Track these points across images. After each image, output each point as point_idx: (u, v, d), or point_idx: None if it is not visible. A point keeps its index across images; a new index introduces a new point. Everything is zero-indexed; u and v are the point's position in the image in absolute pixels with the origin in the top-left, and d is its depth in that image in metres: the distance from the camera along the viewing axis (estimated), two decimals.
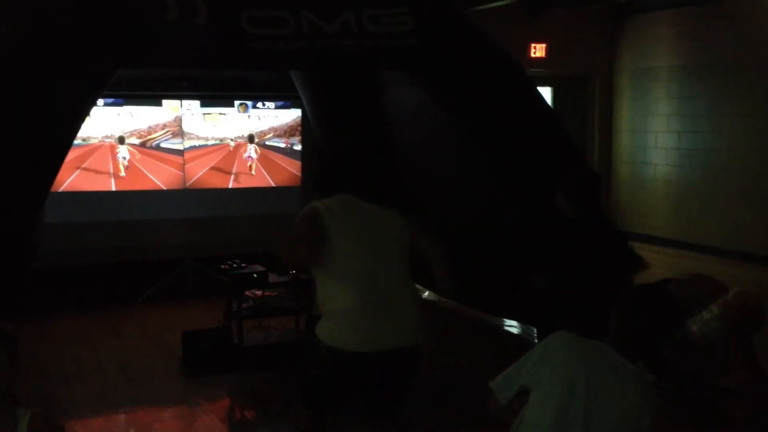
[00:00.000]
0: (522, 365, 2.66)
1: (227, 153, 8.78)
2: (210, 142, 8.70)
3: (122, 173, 8.33)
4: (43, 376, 6.00)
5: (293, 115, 9.00)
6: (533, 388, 2.60)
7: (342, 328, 3.78)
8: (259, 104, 8.86)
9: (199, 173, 8.70)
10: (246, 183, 8.90)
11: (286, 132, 9.00)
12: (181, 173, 8.60)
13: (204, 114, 8.64)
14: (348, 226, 3.85)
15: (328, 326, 3.85)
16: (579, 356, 2.58)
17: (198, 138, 8.64)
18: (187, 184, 8.63)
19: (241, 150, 8.82)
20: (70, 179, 8.09)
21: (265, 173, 8.92)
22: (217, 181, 8.78)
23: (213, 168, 8.72)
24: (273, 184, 8.96)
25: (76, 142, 7.33)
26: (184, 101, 8.53)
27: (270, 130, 8.93)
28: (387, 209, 4.06)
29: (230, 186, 8.85)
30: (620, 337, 2.64)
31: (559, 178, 4.30)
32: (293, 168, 9.06)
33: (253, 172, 8.88)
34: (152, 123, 8.44)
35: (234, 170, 8.83)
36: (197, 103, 8.59)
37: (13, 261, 5.34)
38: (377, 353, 3.77)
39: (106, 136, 8.22)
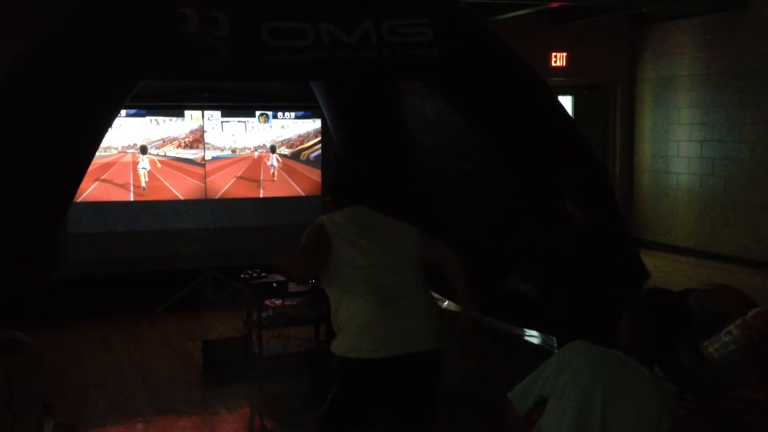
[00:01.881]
0: (539, 375, 2.66)
1: (249, 163, 8.83)
2: (231, 153, 8.76)
3: (143, 184, 8.41)
4: (64, 385, 6.05)
5: (313, 125, 9.05)
6: (550, 397, 2.60)
7: (354, 338, 3.72)
8: (280, 114, 8.91)
9: (220, 183, 8.76)
10: (267, 193, 8.95)
11: (305, 141, 9.05)
12: (203, 183, 8.66)
13: (224, 124, 8.70)
14: (354, 238, 3.78)
15: (340, 340, 3.79)
16: (595, 365, 2.57)
17: (219, 148, 8.70)
18: (209, 195, 8.69)
19: (263, 160, 8.87)
20: (91, 189, 8.17)
21: (290, 180, 8.96)
22: (238, 192, 8.83)
23: (235, 178, 8.78)
24: (296, 194, 9.00)
25: (98, 152, 7.42)
26: (205, 112, 8.59)
27: (289, 140, 8.98)
28: (402, 222, 4.01)
29: (252, 196, 8.90)
30: (632, 343, 2.62)
31: (563, 185, 4.28)
32: (314, 176, 9.11)
33: (274, 177, 8.92)
34: (174, 134, 8.50)
35: (257, 180, 8.88)
36: (218, 113, 8.66)
37: (34, 270, 5.39)
38: (393, 358, 3.70)
39: (128, 147, 8.30)
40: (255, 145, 8.84)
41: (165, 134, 8.47)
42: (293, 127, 9.00)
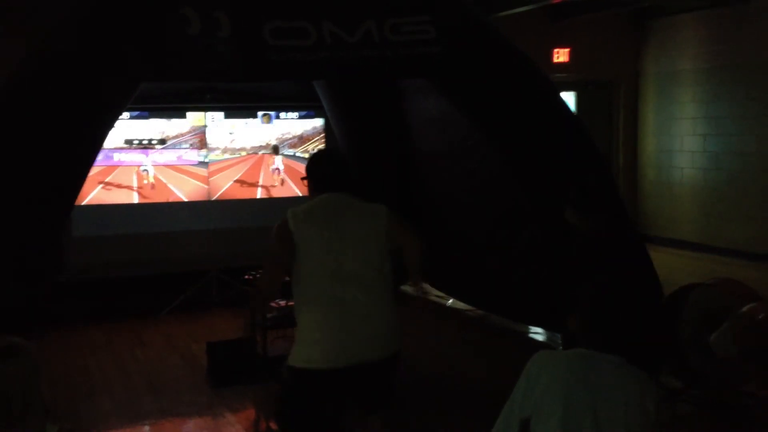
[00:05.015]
0: (514, 400, 2.64)
1: (252, 164, 8.82)
2: (234, 154, 8.75)
3: (147, 185, 8.40)
4: (69, 388, 6.05)
5: (316, 124, 9.03)
6: (532, 418, 2.57)
7: (307, 348, 3.62)
8: (282, 114, 8.90)
9: (223, 184, 8.74)
10: (271, 194, 8.94)
11: (309, 141, 9.03)
12: (206, 185, 8.65)
13: (228, 125, 8.69)
14: (312, 234, 3.65)
15: (296, 349, 3.68)
16: (563, 372, 2.56)
17: (222, 149, 8.69)
18: (212, 196, 8.69)
19: (266, 161, 8.86)
20: (94, 192, 8.17)
21: (294, 181, 8.95)
22: (241, 193, 8.81)
23: (237, 180, 8.77)
24: (299, 194, 8.99)
25: (101, 154, 7.41)
26: (208, 113, 8.58)
27: (292, 140, 8.97)
28: (372, 204, 3.80)
29: (256, 197, 8.88)
30: (595, 332, 2.59)
31: (564, 194, 4.23)
32: None
33: (277, 183, 8.91)
34: (176, 135, 8.49)
35: (259, 181, 8.87)
36: (221, 114, 8.64)
37: (37, 275, 5.39)
38: (347, 368, 3.58)
39: (132, 148, 8.29)
40: (258, 146, 8.82)
41: (167, 136, 8.46)
42: (296, 127, 8.99)
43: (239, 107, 8.75)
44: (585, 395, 2.50)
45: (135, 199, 8.40)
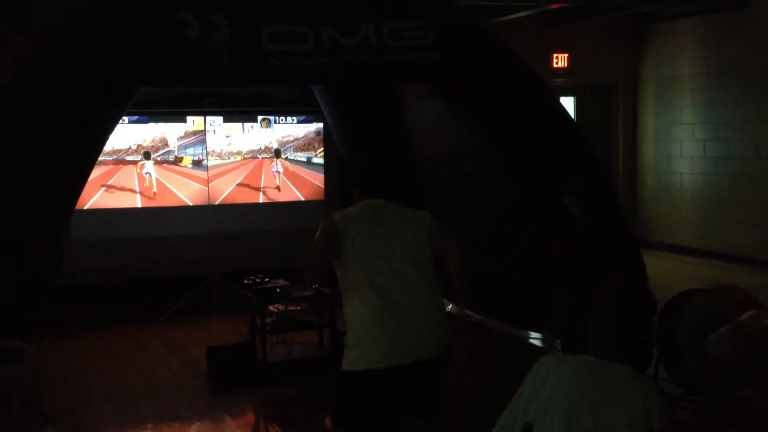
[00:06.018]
0: (518, 403, 2.63)
1: (252, 168, 8.83)
2: (233, 158, 8.76)
3: (149, 189, 8.41)
4: (69, 392, 6.04)
5: (315, 128, 9.05)
6: (535, 422, 2.56)
7: (355, 349, 3.69)
8: (282, 118, 8.91)
9: (223, 189, 8.75)
10: (271, 198, 8.95)
11: (308, 145, 9.05)
12: (206, 189, 8.66)
13: (227, 129, 8.70)
14: (361, 237, 3.74)
15: (351, 352, 3.73)
16: (569, 378, 2.54)
17: (222, 154, 8.70)
18: (212, 200, 8.70)
19: (267, 165, 8.87)
20: (95, 197, 8.18)
21: (294, 185, 8.96)
22: (241, 197, 8.82)
23: (238, 184, 8.78)
24: (299, 198, 9.01)
25: (101, 159, 7.43)
26: (208, 117, 8.59)
27: (291, 144, 8.98)
28: (417, 210, 3.92)
29: (255, 201, 8.89)
30: (598, 337, 2.58)
31: (565, 182, 4.27)
32: (317, 181, 9.10)
33: (278, 183, 8.91)
34: (176, 139, 8.51)
35: (260, 185, 8.88)
36: (220, 119, 8.66)
37: (37, 279, 5.39)
38: (397, 368, 3.66)
39: (131, 153, 8.31)
40: (257, 150, 8.83)
41: (167, 140, 8.47)
42: (295, 131, 9.00)
43: (238, 112, 8.76)
44: (589, 404, 2.48)
45: (136, 203, 8.40)
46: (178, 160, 8.54)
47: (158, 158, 8.44)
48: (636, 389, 2.50)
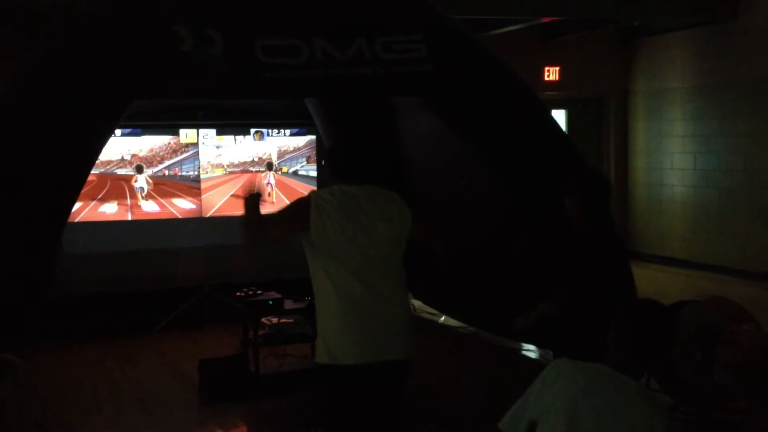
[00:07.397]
0: (526, 399, 2.66)
1: (244, 181, 8.83)
2: (226, 170, 8.77)
3: (140, 203, 8.41)
4: (61, 405, 6.01)
5: (308, 141, 9.07)
6: (538, 421, 2.59)
7: (336, 340, 3.52)
8: (274, 131, 8.93)
9: (215, 201, 8.76)
10: (264, 210, 8.92)
11: (301, 158, 9.06)
12: (199, 201, 8.66)
13: (219, 142, 8.72)
14: (337, 226, 3.54)
15: (322, 343, 3.56)
16: (579, 382, 2.56)
17: (214, 166, 8.71)
18: (204, 213, 8.70)
19: (259, 177, 8.88)
20: (87, 209, 8.17)
21: (285, 199, 8.96)
22: (233, 209, 8.82)
23: (231, 196, 8.78)
24: None
25: (93, 172, 7.42)
26: (200, 130, 8.61)
27: (284, 157, 8.99)
28: (396, 195, 3.76)
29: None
30: (617, 352, 2.60)
31: (564, 182, 4.22)
32: None
33: (273, 200, 8.92)
34: (169, 152, 8.52)
35: None
36: (213, 131, 8.67)
37: (29, 291, 5.38)
38: (370, 365, 3.51)
39: (124, 165, 8.31)
40: (250, 162, 8.85)
41: (160, 153, 8.48)
42: (288, 144, 9.02)
43: (231, 124, 8.78)
44: (593, 410, 2.50)
45: (127, 215, 8.40)
46: (170, 173, 8.54)
47: (150, 171, 8.44)
48: (643, 404, 2.52)
